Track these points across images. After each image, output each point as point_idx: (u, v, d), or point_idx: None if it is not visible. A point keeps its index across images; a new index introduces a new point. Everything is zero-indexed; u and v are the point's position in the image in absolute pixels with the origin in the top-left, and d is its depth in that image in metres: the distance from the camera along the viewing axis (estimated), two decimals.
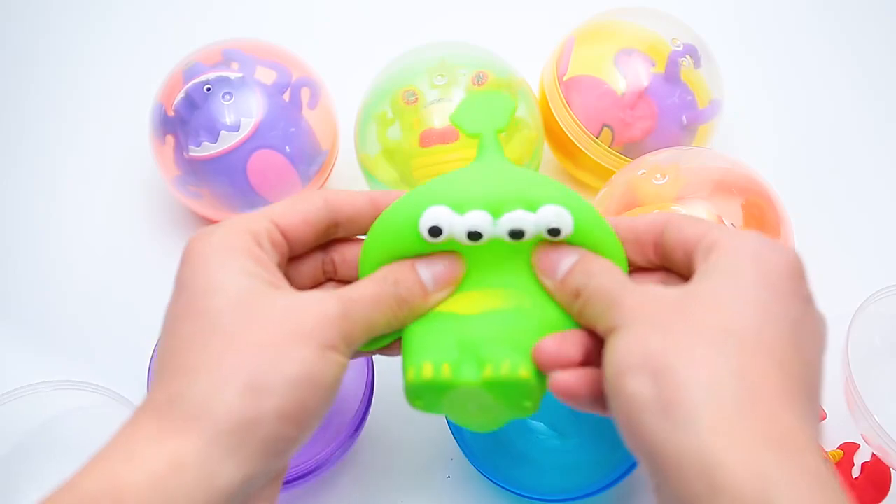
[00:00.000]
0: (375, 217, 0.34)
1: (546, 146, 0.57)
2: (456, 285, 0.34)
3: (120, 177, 0.61)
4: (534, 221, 0.32)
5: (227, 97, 0.51)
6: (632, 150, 0.53)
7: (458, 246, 0.33)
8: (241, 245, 0.31)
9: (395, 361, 0.51)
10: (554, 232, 0.32)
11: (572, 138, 0.54)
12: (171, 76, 0.54)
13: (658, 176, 0.47)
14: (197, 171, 0.52)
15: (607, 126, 0.53)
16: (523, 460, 0.46)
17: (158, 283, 0.58)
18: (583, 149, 0.54)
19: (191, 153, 0.52)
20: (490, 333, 0.32)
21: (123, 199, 0.60)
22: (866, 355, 0.49)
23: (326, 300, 0.31)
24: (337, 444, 0.44)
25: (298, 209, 0.33)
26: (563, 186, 0.33)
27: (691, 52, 0.53)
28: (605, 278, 0.31)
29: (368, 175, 0.54)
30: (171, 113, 0.52)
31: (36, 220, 0.59)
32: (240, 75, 0.52)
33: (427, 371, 0.32)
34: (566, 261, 0.32)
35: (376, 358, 0.46)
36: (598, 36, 0.55)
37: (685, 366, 0.26)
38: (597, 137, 0.53)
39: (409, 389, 0.33)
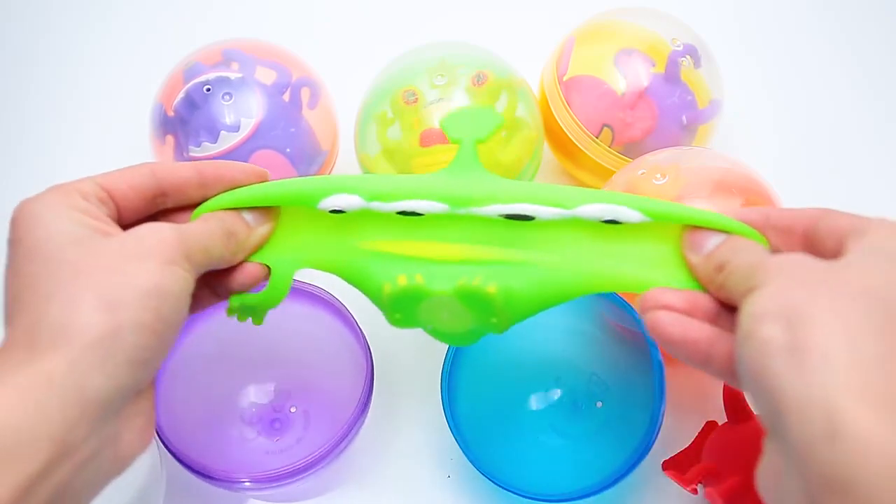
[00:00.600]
0: (200, 184, 0.37)
1: (546, 146, 0.57)
2: (271, 222, 0.37)
3: None
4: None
5: (227, 97, 0.51)
6: (632, 150, 0.53)
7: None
8: (70, 202, 0.33)
9: (394, 361, 0.51)
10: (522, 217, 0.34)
11: (572, 138, 0.54)
12: (171, 76, 0.54)
13: (658, 176, 0.47)
14: None
15: (607, 126, 0.53)
16: (523, 460, 0.46)
17: None
18: (583, 149, 0.54)
19: (191, 153, 0.52)
20: (461, 269, 0.35)
21: None
22: None
23: (161, 226, 0.33)
24: (336, 440, 0.44)
25: (125, 177, 0.35)
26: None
27: (691, 52, 0.53)
28: (751, 252, 0.32)
29: (364, 169, 0.54)
30: (171, 113, 0.52)
31: None
32: (240, 75, 0.52)
33: (402, 280, 0.35)
34: (714, 238, 0.33)
35: (376, 358, 0.46)
36: (598, 36, 0.55)
37: (825, 316, 0.26)
38: (597, 137, 0.53)
39: (386, 303, 0.35)
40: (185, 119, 0.52)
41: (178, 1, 0.71)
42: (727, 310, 0.32)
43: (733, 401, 0.44)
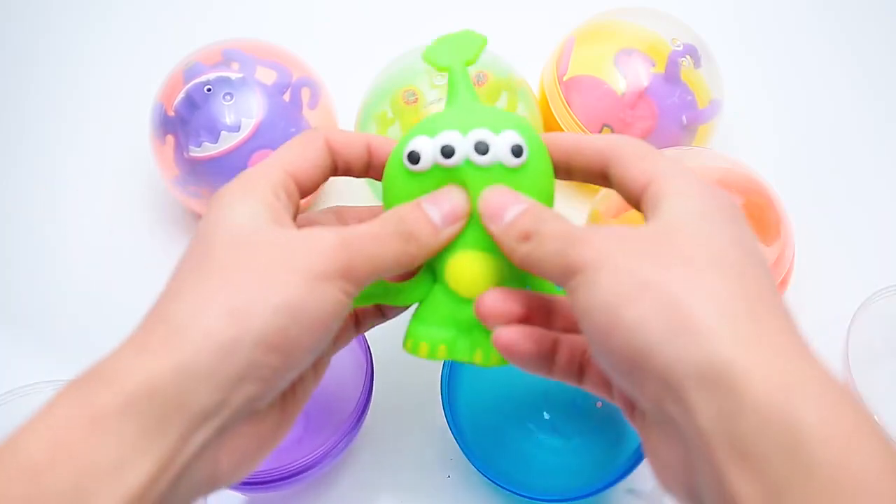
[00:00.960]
0: (368, 163, 0.35)
1: None
2: (464, 219, 0.33)
3: (120, 177, 0.61)
4: (497, 141, 0.33)
5: (228, 97, 0.51)
6: None
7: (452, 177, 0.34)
8: (257, 191, 0.31)
9: (394, 361, 0.51)
10: (516, 150, 0.33)
11: None
12: (171, 76, 0.54)
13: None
14: (197, 172, 0.52)
15: (607, 126, 0.53)
16: (523, 460, 0.46)
17: (158, 282, 0.58)
18: None
19: (191, 153, 0.52)
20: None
21: (123, 198, 0.60)
22: (866, 355, 0.49)
23: (324, 232, 0.30)
24: (336, 440, 0.44)
25: (308, 156, 0.33)
26: (518, 118, 0.35)
27: (691, 52, 0.53)
28: (560, 222, 0.30)
29: (369, 180, 0.54)
30: (171, 113, 0.52)
31: (36, 220, 0.59)
32: (240, 75, 0.52)
33: (423, 350, 0.36)
34: (515, 206, 0.31)
35: (376, 357, 0.46)
36: (598, 36, 0.55)
37: (687, 288, 0.26)
38: None
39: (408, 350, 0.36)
40: (185, 119, 0.52)
41: (178, 1, 0.71)
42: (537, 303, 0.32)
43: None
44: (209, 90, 0.52)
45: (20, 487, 0.25)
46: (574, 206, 0.58)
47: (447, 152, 0.33)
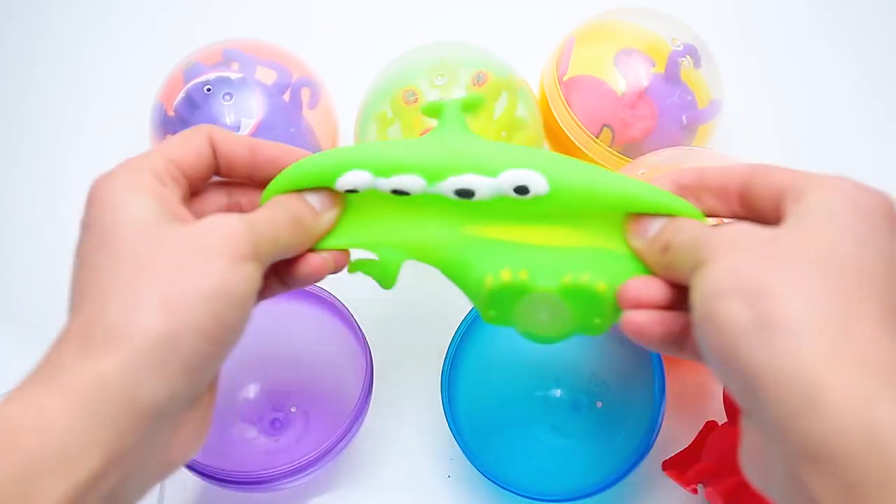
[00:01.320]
0: (251, 164, 0.35)
1: (546, 146, 0.57)
2: (337, 206, 0.35)
3: None
4: (491, 184, 0.33)
5: (228, 97, 0.51)
6: (632, 150, 0.53)
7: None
8: (143, 184, 0.32)
9: (394, 361, 0.51)
10: (521, 190, 0.33)
11: (572, 138, 0.54)
12: (171, 76, 0.54)
13: (658, 176, 0.47)
14: None
15: (607, 126, 0.53)
16: (523, 460, 0.46)
17: None
18: (583, 149, 0.54)
19: None
20: (561, 260, 0.33)
21: None
22: None
23: (230, 218, 0.32)
24: (335, 440, 0.44)
25: (189, 146, 0.34)
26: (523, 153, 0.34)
27: (691, 52, 0.53)
28: (693, 227, 0.31)
29: None
30: (171, 113, 0.52)
31: (36, 219, 0.59)
32: (240, 75, 0.52)
33: (506, 275, 0.32)
34: (657, 222, 0.33)
35: (376, 357, 0.46)
36: (598, 36, 0.55)
37: (783, 287, 0.26)
38: (597, 137, 0.53)
39: (486, 297, 0.33)
40: (185, 119, 0.52)
41: (178, 1, 0.71)
42: (681, 291, 0.32)
43: (733, 401, 0.44)
44: (209, 90, 0.52)
45: None
46: None
47: (400, 193, 0.34)
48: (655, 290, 0.32)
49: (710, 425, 0.46)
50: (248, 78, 0.52)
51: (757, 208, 0.32)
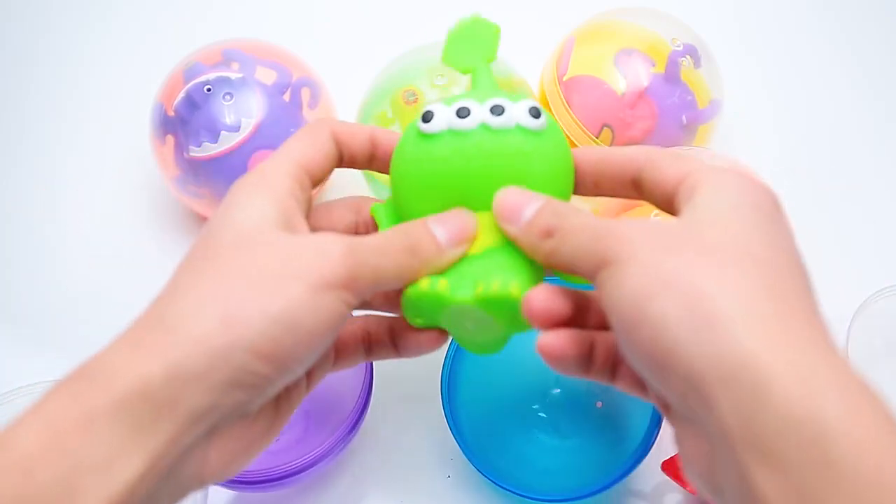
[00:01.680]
0: (371, 155, 0.35)
1: None
2: (470, 242, 0.33)
3: (120, 177, 0.61)
4: (513, 105, 0.33)
5: (228, 97, 0.51)
6: None
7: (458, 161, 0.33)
8: (271, 190, 0.31)
9: (394, 361, 0.51)
10: (534, 112, 0.33)
11: (572, 138, 0.54)
12: (171, 76, 0.54)
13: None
14: (197, 172, 0.52)
15: (607, 126, 0.53)
16: (523, 460, 0.46)
17: (158, 282, 0.58)
18: None
19: (191, 153, 0.52)
20: (486, 266, 0.33)
21: (123, 198, 0.60)
22: (866, 355, 0.49)
23: (331, 239, 0.30)
24: (335, 440, 0.44)
25: (317, 147, 0.34)
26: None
27: (691, 52, 0.53)
28: (583, 215, 0.30)
29: (368, 175, 0.54)
30: (171, 113, 0.52)
31: (36, 219, 0.59)
32: (240, 75, 0.52)
33: (423, 284, 0.32)
34: (532, 204, 0.31)
35: None
36: (598, 36, 0.55)
37: (712, 282, 0.26)
38: (597, 137, 0.53)
39: (407, 304, 0.33)
40: (185, 119, 0.52)
41: (178, 1, 0.71)
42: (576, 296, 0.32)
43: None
44: (209, 90, 0.52)
45: (12, 480, 0.25)
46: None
47: (462, 113, 0.33)
48: (560, 301, 0.31)
49: None
50: (248, 78, 0.52)
51: (650, 198, 0.32)
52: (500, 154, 0.33)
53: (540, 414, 0.49)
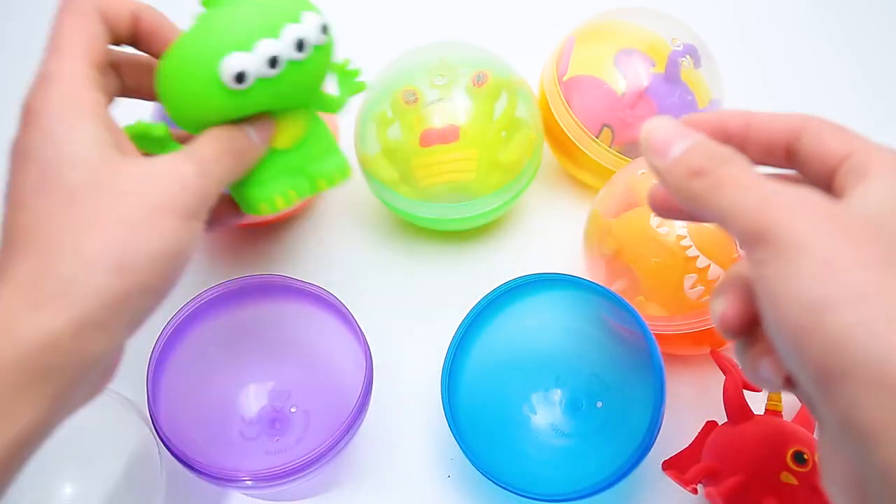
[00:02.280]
0: (135, 33, 0.36)
1: (546, 146, 0.57)
2: (270, 134, 0.37)
3: None
4: (305, 29, 0.35)
5: None
6: (632, 150, 0.53)
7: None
8: (83, 102, 0.32)
9: (393, 361, 0.51)
10: (324, 27, 0.37)
11: (572, 138, 0.54)
12: None
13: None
14: None
15: (607, 126, 0.53)
16: (523, 460, 0.46)
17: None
18: (583, 149, 0.54)
19: None
20: (306, 157, 0.40)
21: None
22: None
23: (181, 164, 0.32)
24: (335, 440, 0.44)
25: (92, 31, 0.33)
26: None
27: (691, 52, 0.53)
28: (743, 167, 0.27)
29: (368, 175, 0.54)
30: None
31: None
32: None
33: (280, 203, 0.39)
34: (683, 140, 0.28)
35: (376, 358, 0.46)
36: (598, 36, 0.55)
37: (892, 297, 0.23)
38: (597, 137, 0.53)
39: (262, 213, 0.39)
40: None
41: (179, 1, 0.71)
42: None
43: (733, 401, 0.44)
44: None
45: None
46: (572, 205, 0.58)
47: (272, 63, 0.34)
48: (740, 304, 0.28)
49: (710, 425, 0.46)
50: None
51: (804, 169, 0.29)
52: (304, 79, 0.37)
53: (540, 414, 0.49)
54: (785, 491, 0.40)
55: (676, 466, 0.44)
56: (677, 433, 0.47)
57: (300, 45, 0.35)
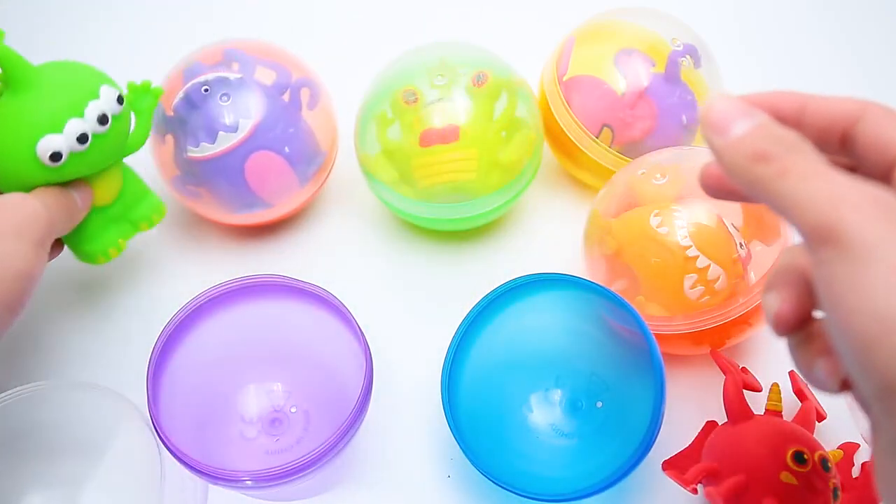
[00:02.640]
0: None
1: (546, 146, 0.57)
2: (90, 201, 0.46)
3: None
4: (104, 105, 0.43)
5: (225, 98, 0.51)
6: (632, 150, 0.53)
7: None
8: None
9: (394, 360, 0.51)
10: (120, 99, 0.45)
11: (572, 138, 0.54)
12: (171, 75, 0.54)
13: (658, 176, 0.47)
14: (195, 172, 0.52)
15: (607, 126, 0.53)
16: (523, 460, 0.46)
17: (158, 281, 0.58)
18: (583, 149, 0.54)
19: (189, 154, 0.52)
20: (125, 206, 0.49)
21: None
22: None
23: (29, 199, 0.39)
24: (335, 440, 0.44)
25: None
26: (82, 68, 0.45)
27: (691, 52, 0.53)
28: (811, 155, 0.25)
29: (368, 175, 0.54)
30: (170, 113, 0.52)
31: None
32: (239, 76, 0.52)
33: (113, 253, 0.48)
34: (747, 119, 0.26)
35: (376, 357, 0.46)
36: (598, 36, 0.55)
37: None
38: (597, 137, 0.53)
39: (99, 262, 0.49)
40: (183, 119, 0.52)
41: (178, 1, 0.71)
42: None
43: (733, 401, 0.44)
44: (206, 91, 0.51)
45: None
46: (572, 205, 0.58)
47: (83, 139, 0.41)
48: (793, 298, 0.27)
49: (710, 425, 0.46)
50: (246, 78, 0.52)
51: (860, 157, 0.27)
52: (110, 147, 0.45)
53: (540, 414, 0.49)
54: (785, 491, 0.40)
55: (676, 466, 0.44)
56: (677, 433, 0.47)
57: (103, 120, 0.42)
